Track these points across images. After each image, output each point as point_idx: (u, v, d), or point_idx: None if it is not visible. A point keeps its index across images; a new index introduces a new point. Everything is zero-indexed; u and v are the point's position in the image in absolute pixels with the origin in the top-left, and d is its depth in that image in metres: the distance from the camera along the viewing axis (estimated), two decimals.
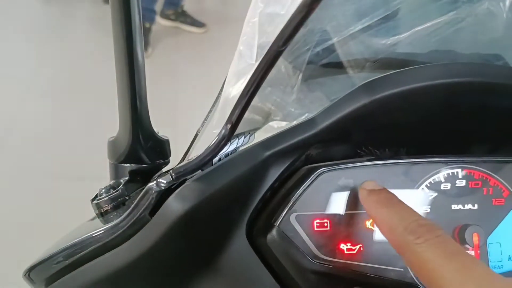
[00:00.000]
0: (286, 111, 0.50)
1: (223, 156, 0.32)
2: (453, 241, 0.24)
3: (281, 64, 0.43)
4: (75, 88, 2.28)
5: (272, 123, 0.50)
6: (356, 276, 0.30)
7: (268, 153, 0.31)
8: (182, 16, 2.59)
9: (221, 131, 0.26)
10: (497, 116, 0.33)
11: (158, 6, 2.51)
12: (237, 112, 0.25)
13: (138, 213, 0.26)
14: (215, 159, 0.31)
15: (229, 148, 0.33)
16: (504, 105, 0.32)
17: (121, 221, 0.27)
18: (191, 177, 0.27)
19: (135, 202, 0.27)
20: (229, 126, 0.26)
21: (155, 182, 0.27)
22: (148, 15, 2.47)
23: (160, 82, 2.22)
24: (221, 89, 0.38)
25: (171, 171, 0.27)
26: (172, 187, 0.28)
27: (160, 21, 2.58)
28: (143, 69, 0.29)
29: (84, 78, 2.34)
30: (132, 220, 0.26)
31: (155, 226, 0.26)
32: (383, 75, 0.31)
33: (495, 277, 0.23)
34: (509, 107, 0.32)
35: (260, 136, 0.40)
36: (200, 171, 0.29)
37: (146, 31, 2.55)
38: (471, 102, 0.31)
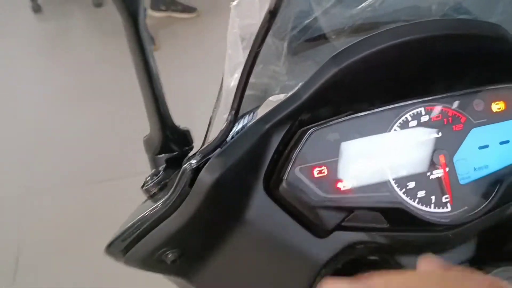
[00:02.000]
0: (282, 85, 0.58)
1: (235, 134, 0.41)
2: None
3: (272, 44, 0.51)
4: (83, 93, 2.38)
5: (271, 97, 0.59)
6: (353, 205, 0.39)
7: (267, 126, 0.39)
8: (172, 5, 2.63)
9: (228, 117, 0.34)
10: (446, 63, 0.40)
11: (146, 1, 2.57)
12: (237, 100, 0.34)
13: (181, 188, 0.35)
14: (228, 138, 0.40)
15: (238, 127, 0.41)
16: (449, 53, 0.40)
17: (169, 196, 0.36)
18: (213, 155, 0.36)
19: (176, 181, 0.36)
20: (233, 112, 0.34)
21: (188, 163, 0.36)
22: None
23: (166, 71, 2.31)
24: (222, 81, 0.47)
25: (198, 152, 0.36)
26: (200, 165, 0.37)
27: (152, 14, 2.64)
28: (159, 78, 0.38)
29: (91, 82, 2.44)
30: (177, 194, 0.35)
31: (194, 195, 0.35)
32: (346, 46, 0.39)
33: None
34: (453, 54, 0.40)
35: (262, 111, 0.48)
36: (219, 149, 0.38)
37: None
38: (421, 56, 0.39)
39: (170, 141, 0.42)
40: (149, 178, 0.42)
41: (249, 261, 0.42)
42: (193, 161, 0.36)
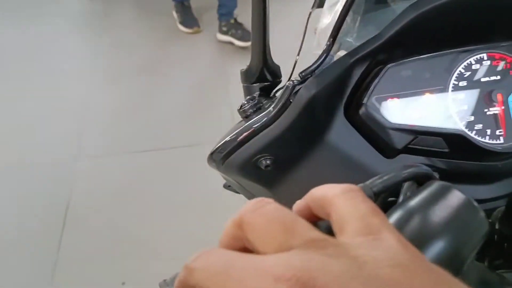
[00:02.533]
0: (349, 45, 0.65)
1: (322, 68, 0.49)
2: None
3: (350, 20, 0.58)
4: (129, 69, 2.50)
5: (340, 52, 0.66)
6: (420, 129, 0.46)
7: (352, 59, 0.47)
8: (233, 28, 2.53)
9: (326, 43, 0.42)
10: (508, 15, 0.47)
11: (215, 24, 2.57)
12: (335, 29, 0.41)
13: (284, 99, 0.44)
14: (317, 70, 0.48)
15: (325, 63, 0.49)
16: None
17: (274, 106, 0.44)
18: (311, 77, 0.44)
19: (280, 95, 0.44)
20: (331, 39, 0.42)
21: (290, 81, 0.44)
22: None
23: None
24: (305, 30, 0.54)
25: (299, 73, 0.44)
26: (296, 88, 0.45)
27: (217, 36, 2.60)
28: (268, 17, 0.46)
29: (137, 59, 2.56)
30: (281, 104, 0.44)
31: (295, 105, 0.43)
32: None
33: None
34: None
35: None
36: (314, 74, 0.46)
37: (186, 9, 2.71)
38: (485, 9, 0.46)
39: (266, 72, 0.50)
40: (245, 102, 0.50)
41: (323, 177, 0.49)
42: (295, 79, 0.44)
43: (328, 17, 0.46)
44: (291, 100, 0.44)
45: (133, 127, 2.15)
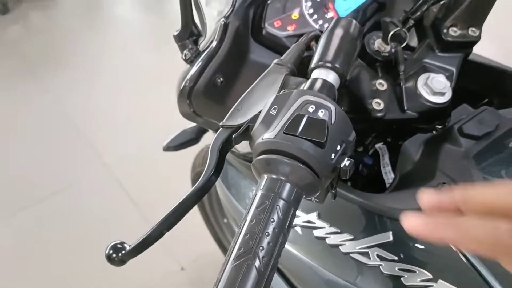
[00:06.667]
0: None
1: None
2: None
3: None
4: None
5: None
6: (301, 32, 0.75)
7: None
8: None
9: None
10: None
11: None
12: None
13: (221, 32, 0.67)
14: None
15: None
16: None
17: (216, 40, 0.67)
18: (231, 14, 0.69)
19: (217, 31, 0.67)
20: None
21: (222, 19, 0.67)
22: None
23: None
24: None
25: (224, 14, 0.68)
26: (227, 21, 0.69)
27: None
28: None
29: None
30: (219, 36, 0.67)
31: (229, 35, 0.67)
32: None
33: None
34: None
35: None
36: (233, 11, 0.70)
37: None
38: None
39: (193, 27, 0.72)
40: (187, 52, 0.72)
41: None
42: (223, 18, 0.68)
43: None
44: (225, 33, 0.68)
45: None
